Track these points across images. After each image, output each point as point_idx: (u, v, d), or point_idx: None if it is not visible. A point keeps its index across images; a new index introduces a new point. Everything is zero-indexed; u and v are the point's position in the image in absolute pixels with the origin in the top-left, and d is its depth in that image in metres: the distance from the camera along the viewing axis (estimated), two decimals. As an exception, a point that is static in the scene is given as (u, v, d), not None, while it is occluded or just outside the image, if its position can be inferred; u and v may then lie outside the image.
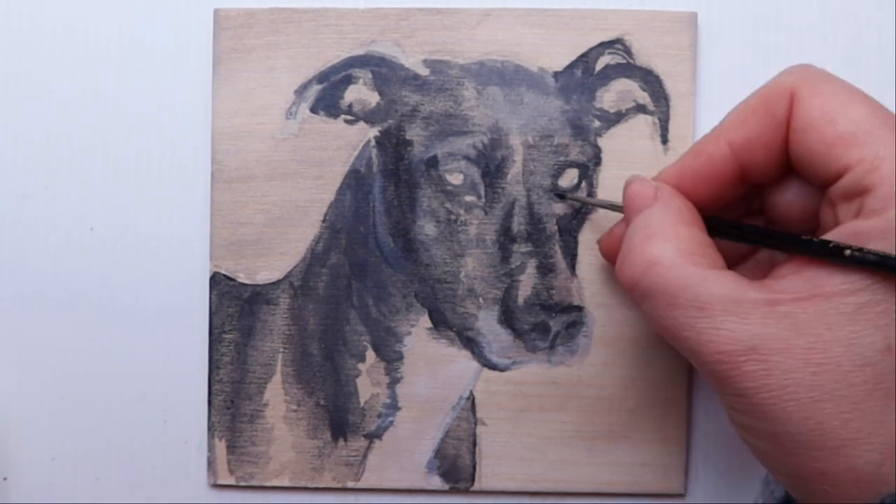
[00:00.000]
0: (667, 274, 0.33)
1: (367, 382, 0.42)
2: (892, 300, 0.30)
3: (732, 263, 0.38)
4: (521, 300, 0.41)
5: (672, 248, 0.33)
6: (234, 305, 0.42)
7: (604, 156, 0.42)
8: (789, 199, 0.36)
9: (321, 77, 0.42)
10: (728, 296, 0.32)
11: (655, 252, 0.33)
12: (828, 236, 0.32)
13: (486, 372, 0.42)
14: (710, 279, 0.32)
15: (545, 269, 0.41)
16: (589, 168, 0.42)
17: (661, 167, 0.37)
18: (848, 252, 0.31)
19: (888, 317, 0.30)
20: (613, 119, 0.42)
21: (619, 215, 0.39)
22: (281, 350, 0.43)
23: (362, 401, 0.42)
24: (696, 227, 0.34)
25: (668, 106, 0.42)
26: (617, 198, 0.38)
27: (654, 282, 0.33)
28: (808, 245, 0.32)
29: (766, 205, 0.37)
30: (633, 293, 0.34)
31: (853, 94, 0.33)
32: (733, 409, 0.33)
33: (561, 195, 0.41)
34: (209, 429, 0.43)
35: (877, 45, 0.42)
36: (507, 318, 0.41)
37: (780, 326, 0.31)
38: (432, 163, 0.42)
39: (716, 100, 0.42)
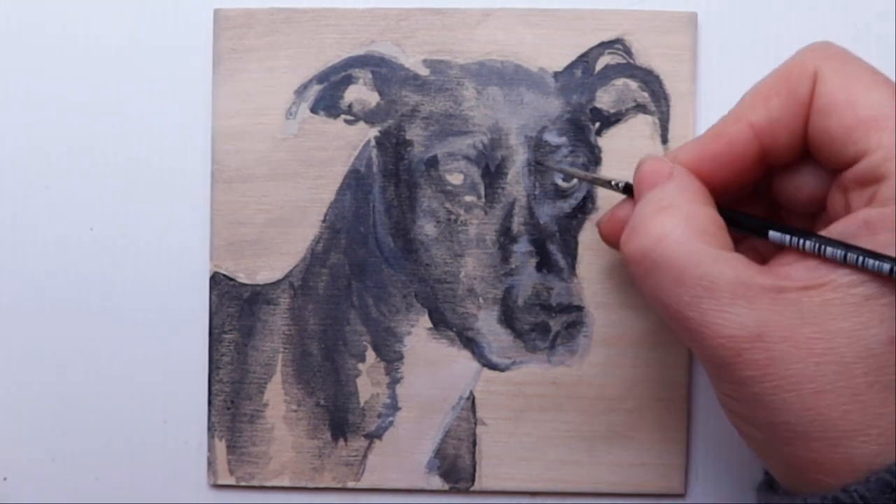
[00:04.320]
0: (677, 248, 0.32)
1: (367, 382, 0.42)
2: None
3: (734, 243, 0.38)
4: (521, 300, 0.41)
5: (685, 223, 0.32)
6: (234, 305, 0.42)
7: (604, 156, 0.42)
8: (798, 184, 0.35)
9: (321, 77, 0.42)
10: (737, 279, 0.31)
11: (667, 225, 0.32)
12: (837, 224, 0.32)
13: (486, 372, 0.42)
14: (720, 259, 0.31)
15: (545, 269, 0.41)
16: (589, 168, 0.42)
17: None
18: (843, 254, 0.30)
19: (892, 309, 0.30)
20: (613, 119, 0.42)
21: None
22: (281, 350, 0.43)
23: (362, 401, 0.42)
24: (710, 206, 0.33)
25: (668, 106, 0.42)
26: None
27: (663, 255, 0.32)
28: (809, 239, 0.31)
29: (774, 188, 0.36)
30: (639, 267, 0.33)
31: (877, 78, 0.32)
32: (730, 398, 0.32)
33: (548, 167, 0.41)
34: (209, 429, 0.43)
35: (877, 46, 0.42)
36: (507, 318, 0.41)
37: (785, 314, 0.30)
38: (432, 163, 0.42)
39: (716, 100, 0.42)
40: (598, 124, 0.42)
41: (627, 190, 0.37)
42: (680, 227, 0.32)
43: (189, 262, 0.43)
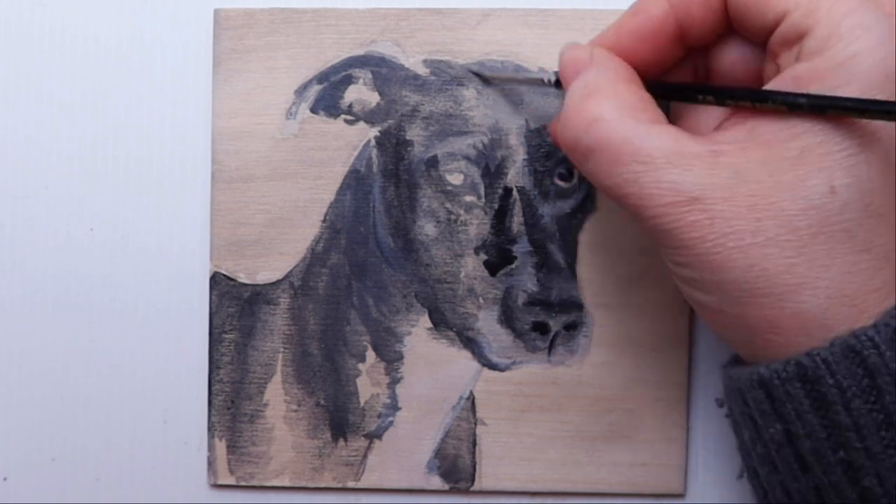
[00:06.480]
0: (608, 129, 0.32)
1: (367, 382, 0.42)
2: (834, 141, 0.30)
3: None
4: (520, 300, 0.41)
5: (613, 103, 0.33)
6: (234, 305, 0.42)
7: (604, 156, 0.42)
8: (733, 60, 0.35)
9: (321, 77, 0.42)
10: (670, 148, 0.31)
11: (595, 109, 0.33)
12: (768, 86, 0.32)
13: (486, 372, 0.42)
14: (652, 132, 0.32)
15: (545, 269, 0.41)
16: (589, 168, 0.42)
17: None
18: (775, 101, 0.31)
19: (830, 158, 0.30)
20: (613, 119, 0.42)
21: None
22: (281, 350, 0.43)
23: (362, 401, 0.42)
24: (634, 84, 0.34)
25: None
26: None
27: (596, 138, 0.32)
28: (742, 95, 0.32)
29: (711, 69, 0.36)
30: (575, 153, 0.33)
31: None
32: (678, 264, 0.32)
33: (483, 78, 0.41)
34: (209, 429, 0.43)
35: (877, 45, 0.42)
36: (507, 318, 0.41)
37: (722, 176, 0.31)
38: (432, 163, 0.42)
39: (716, 100, 0.42)
40: (598, 124, 0.42)
41: (559, 84, 0.36)
42: (608, 109, 0.32)
43: (189, 262, 0.43)
